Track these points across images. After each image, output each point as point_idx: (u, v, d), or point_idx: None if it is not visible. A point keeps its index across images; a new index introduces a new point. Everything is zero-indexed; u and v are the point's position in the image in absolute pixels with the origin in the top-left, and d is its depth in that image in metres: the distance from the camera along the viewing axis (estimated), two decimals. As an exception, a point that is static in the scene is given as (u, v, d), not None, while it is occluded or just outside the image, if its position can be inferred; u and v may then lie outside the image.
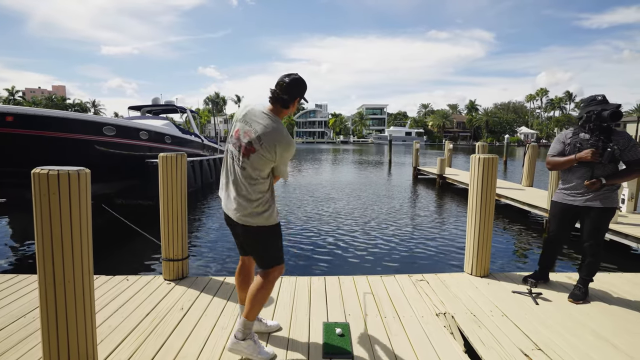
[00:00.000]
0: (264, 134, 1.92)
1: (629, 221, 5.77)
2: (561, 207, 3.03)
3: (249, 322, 2.09)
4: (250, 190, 1.97)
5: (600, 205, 2.81)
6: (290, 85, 1.97)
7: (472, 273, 3.47)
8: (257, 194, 1.98)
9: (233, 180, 2.02)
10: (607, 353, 2.24)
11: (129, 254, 5.60)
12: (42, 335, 1.78)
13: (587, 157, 2.74)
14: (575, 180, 2.91)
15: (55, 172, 1.63)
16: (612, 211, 2.85)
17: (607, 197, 2.82)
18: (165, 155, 3.10)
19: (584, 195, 2.86)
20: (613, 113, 2.67)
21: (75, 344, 1.81)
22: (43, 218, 1.66)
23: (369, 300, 2.95)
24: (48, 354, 1.78)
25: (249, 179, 1.96)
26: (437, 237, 6.56)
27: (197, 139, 13.03)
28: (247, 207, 1.98)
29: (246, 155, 1.95)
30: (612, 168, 2.79)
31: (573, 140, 2.90)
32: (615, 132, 2.78)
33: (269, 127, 1.93)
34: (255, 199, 1.98)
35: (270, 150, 1.92)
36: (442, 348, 2.29)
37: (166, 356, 2.16)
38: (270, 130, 1.92)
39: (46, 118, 6.20)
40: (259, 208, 1.99)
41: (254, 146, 1.93)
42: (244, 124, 1.97)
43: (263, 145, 1.91)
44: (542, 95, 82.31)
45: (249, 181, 1.97)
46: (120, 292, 3.03)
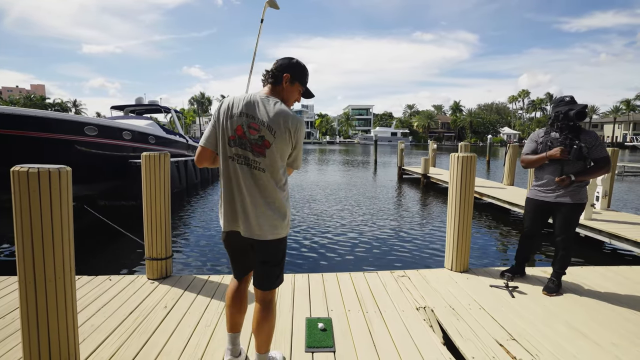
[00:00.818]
0: (273, 120, 1.66)
1: (602, 217, 6.00)
2: (534, 204, 3.16)
3: (265, 354, 1.89)
4: (278, 195, 1.72)
5: (570, 201, 2.94)
6: (282, 63, 1.77)
7: (452, 268, 3.57)
8: (284, 196, 1.76)
9: (250, 190, 1.69)
10: (577, 341, 2.36)
11: (112, 255, 5.52)
12: (22, 335, 1.77)
13: (557, 155, 2.88)
14: (547, 177, 3.03)
15: (35, 170, 1.63)
16: (582, 206, 2.99)
17: (577, 193, 2.95)
18: (148, 155, 3.09)
19: (555, 192, 3.00)
20: (578, 112, 2.81)
21: (56, 343, 1.80)
22: (23, 216, 1.65)
23: (351, 296, 3.01)
24: (28, 354, 1.77)
25: (273, 180, 1.70)
26: (420, 235, 6.68)
27: (182, 139, 12.90)
28: (277, 218, 1.71)
29: (261, 154, 1.67)
30: (580, 165, 2.93)
31: (544, 139, 3.03)
32: (584, 131, 2.92)
33: (274, 110, 1.67)
34: (283, 203, 1.75)
35: (286, 136, 1.68)
36: (422, 341, 2.36)
37: (150, 353, 2.17)
38: (277, 112, 1.67)
39: (25, 117, 6.06)
40: (287, 213, 1.77)
41: (267, 139, 1.66)
42: (245, 118, 1.68)
43: (276, 134, 1.66)
44: (524, 96, 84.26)
45: (274, 183, 1.70)
46: (103, 291, 3.01)
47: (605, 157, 2.88)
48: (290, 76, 1.75)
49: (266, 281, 1.81)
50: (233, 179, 1.71)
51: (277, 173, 1.71)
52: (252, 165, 1.68)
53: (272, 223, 1.71)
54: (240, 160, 1.69)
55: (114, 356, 2.14)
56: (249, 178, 1.69)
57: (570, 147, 2.86)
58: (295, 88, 1.80)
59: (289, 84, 1.76)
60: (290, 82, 1.77)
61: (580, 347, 2.29)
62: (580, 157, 2.84)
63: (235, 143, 1.69)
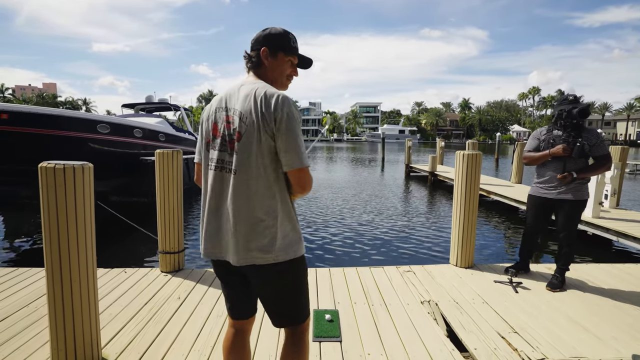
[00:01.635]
0: (243, 104, 1.29)
1: (611, 216, 5.98)
2: (536, 200, 3.21)
3: None
4: (254, 204, 1.28)
5: (572, 197, 2.99)
6: (256, 38, 1.41)
7: (457, 264, 3.64)
8: (266, 207, 1.29)
9: (227, 198, 1.31)
10: (577, 334, 2.41)
11: (125, 249, 5.68)
12: (49, 321, 1.89)
13: (559, 152, 2.93)
14: (549, 174, 3.08)
15: (61, 166, 1.75)
16: (584, 203, 3.04)
17: (578, 190, 3.00)
18: (162, 152, 3.21)
19: (557, 189, 3.05)
20: (581, 110, 2.86)
21: (80, 328, 1.92)
22: (50, 209, 1.77)
23: (357, 289, 3.09)
24: (55, 338, 1.89)
25: (252, 183, 1.28)
26: (427, 232, 6.73)
27: (191, 136, 13.07)
28: (260, 233, 1.29)
29: (233, 150, 1.30)
30: (582, 163, 2.97)
31: (547, 137, 3.08)
32: (586, 130, 2.97)
33: (246, 92, 1.30)
34: (268, 213, 1.29)
35: (259, 121, 1.25)
36: (426, 332, 2.44)
37: (165, 341, 2.29)
38: (247, 93, 1.29)
39: (41, 116, 6.24)
40: (279, 229, 1.31)
41: (239, 130, 1.28)
42: (220, 113, 1.35)
43: (247, 120, 1.26)
44: (534, 93, 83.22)
45: (251, 188, 1.28)
46: (119, 283, 3.14)
47: (607, 155, 2.93)
48: (269, 49, 1.38)
49: (283, 318, 1.43)
50: (209, 192, 1.36)
51: (255, 173, 1.27)
52: (225, 168, 1.32)
53: (256, 244, 1.29)
54: (216, 165, 1.34)
55: (131, 343, 2.26)
56: (223, 185, 1.32)
57: (573, 144, 2.90)
58: (282, 61, 1.41)
59: (271, 58, 1.39)
60: (272, 56, 1.39)
61: (580, 340, 2.35)
62: (582, 154, 2.89)
63: (210, 146, 1.37)
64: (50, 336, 1.90)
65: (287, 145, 1.25)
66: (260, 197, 1.29)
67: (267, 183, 1.29)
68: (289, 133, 1.25)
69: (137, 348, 2.21)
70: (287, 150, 1.25)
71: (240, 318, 1.51)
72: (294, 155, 1.25)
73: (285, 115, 1.24)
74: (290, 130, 1.25)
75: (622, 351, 2.23)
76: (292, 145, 1.25)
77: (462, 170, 3.50)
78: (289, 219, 1.34)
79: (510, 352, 2.22)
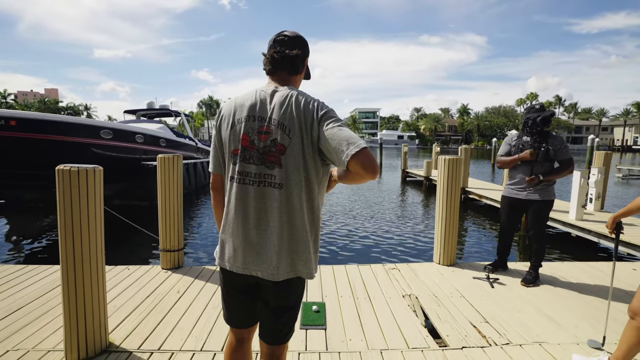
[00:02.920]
0: (284, 114, 1.23)
1: (594, 218, 6.22)
2: (508, 201, 3.46)
3: None
4: (306, 218, 1.27)
5: (539, 198, 3.24)
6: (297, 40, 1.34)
7: (439, 262, 3.87)
8: (313, 220, 1.31)
9: (262, 215, 1.27)
10: (542, 323, 2.65)
11: (126, 249, 5.91)
12: (63, 308, 2.11)
13: (527, 157, 3.20)
14: (519, 176, 3.35)
15: (75, 169, 1.99)
16: (550, 203, 3.29)
17: (545, 191, 3.27)
18: (163, 157, 3.46)
19: (526, 190, 3.31)
20: (543, 118, 3.15)
21: (90, 316, 2.14)
22: (65, 208, 2.01)
23: (344, 285, 3.32)
24: (68, 324, 2.11)
25: (295, 198, 1.25)
26: (417, 233, 6.97)
27: (191, 142, 13.34)
28: (303, 250, 1.28)
29: (276, 163, 1.24)
30: (548, 166, 3.24)
31: (517, 142, 3.35)
32: (552, 136, 3.25)
33: (287, 101, 1.24)
34: (312, 229, 1.31)
35: (308, 134, 1.21)
36: (404, 322, 2.67)
37: (166, 328, 2.51)
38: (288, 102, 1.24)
39: (47, 122, 6.51)
40: (316, 244, 1.34)
41: (281, 142, 1.23)
42: (252, 122, 1.27)
43: (292, 133, 1.22)
44: (532, 99, 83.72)
45: (297, 202, 1.25)
46: (122, 279, 3.37)
47: (569, 159, 3.20)
48: (307, 56, 1.39)
49: (278, 334, 1.39)
50: (239, 206, 1.29)
51: (300, 187, 1.25)
52: (264, 182, 1.26)
53: (298, 259, 1.28)
54: (247, 179, 1.27)
55: (135, 329, 2.49)
56: (259, 199, 1.26)
57: (538, 149, 3.17)
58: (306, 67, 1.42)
59: (305, 69, 1.40)
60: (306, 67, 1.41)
61: (544, 327, 2.58)
62: (547, 158, 3.16)
63: (240, 158, 1.28)
64: (64, 322, 2.12)
65: (340, 135, 1.16)
66: (306, 211, 1.27)
67: (310, 196, 1.27)
68: (334, 126, 1.18)
69: (140, 334, 2.44)
70: (341, 139, 1.15)
71: (243, 327, 1.46)
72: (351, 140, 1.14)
73: (330, 117, 1.21)
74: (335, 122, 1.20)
75: (580, 336, 2.46)
76: (344, 134, 1.16)
77: (444, 174, 3.75)
78: (318, 234, 1.36)
79: (479, 339, 2.45)
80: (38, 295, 3.01)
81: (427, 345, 2.37)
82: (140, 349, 2.27)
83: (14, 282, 3.26)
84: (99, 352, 2.21)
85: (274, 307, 1.36)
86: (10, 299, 2.91)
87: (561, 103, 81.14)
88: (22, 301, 2.88)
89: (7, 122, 5.81)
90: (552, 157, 3.18)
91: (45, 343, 2.30)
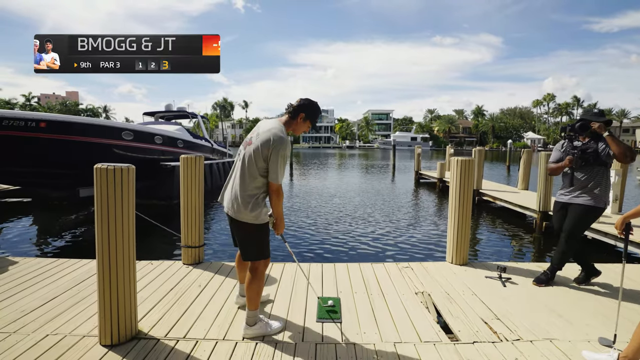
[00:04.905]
0: (262, 131, 2.26)
1: (611, 221, 6.15)
2: (557, 205, 3.44)
3: (252, 311, 2.41)
4: (246, 186, 2.24)
5: (581, 202, 3.21)
6: (302, 102, 2.36)
7: (452, 262, 3.93)
8: (250, 190, 2.24)
9: (235, 175, 2.33)
10: (553, 321, 2.70)
11: (146, 246, 6.14)
12: (98, 297, 2.28)
13: (567, 164, 3.22)
14: (565, 180, 3.35)
15: (112, 167, 2.16)
16: (592, 210, 3.19)
17: (589, 196, 3.19)
18: (186, 157, 3.63)
19: (571, 194, 3.29)
20: (581, 125, 3.12)
21: (122, 304, 2.30)
22: (102, 204, 2.17)
23: (358, 281, 3.43)
24: (103, 311, 2.28)
25: (246, 173, 2.24)
26: (430, 233, 7.01)
27: (207, 143, 13.63)
28: (240, 203, 2.24)
29: (245, 148, 2.29)
30: (592, 171, 3.16)
31: (566, 147, 3.34)
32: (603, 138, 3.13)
33: (268, 126, 2.27)
34: (248, 195, 2.24)
35: (264, 145, 2.18)
36: (417, 317, 2.76)
37: (189, 318, 2.67)
38: (268, 128, 2.25)
39: (74, 124, 6.81)
40: (249, 206, 2.24)
41: (252, 140, 2.26)
42: (255, 130, 2.34)
43: (259, 137, 2.22)
44: (549, 100, 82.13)
45: (246, 176, 2.24)
46: (146, 273, 3.55)
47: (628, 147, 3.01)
48: (305, 115, 2.35)
49: (244, 254, 2.43)
50: (233, 169, 2.42)
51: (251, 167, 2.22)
52: (240, 158, 2.33)
53: (237, 207, 2.26)
54: (239, 154, 2.38)
55: (161, 320, 2.65)
56: (238, 167, 2.33)
57: (574, 155, 3.17)
58: (307, 124, 2.39)
59: (301, 120, 2.36)
60: (303, 120, 2.36)
61: (555, 325, 2.63)
62: (580, 164, 3.14)
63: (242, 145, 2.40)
64: (99, 310, 2.29)
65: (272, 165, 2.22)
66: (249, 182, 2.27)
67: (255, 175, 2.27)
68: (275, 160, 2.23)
69: (166, 323, 2.59)
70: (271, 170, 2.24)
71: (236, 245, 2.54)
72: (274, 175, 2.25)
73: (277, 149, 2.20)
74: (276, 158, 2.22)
75: (591, 334, 2.51)
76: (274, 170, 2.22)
77: (456, 175, 3.82)
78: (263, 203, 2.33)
79: (490, 334, 2.52)
80: (70, 286, 3.20)
81: (439, 339, 2.45)
82: (167, 337, 2.42)
83: (47, 274, 3.47)
84: (129, 339, 2.37)
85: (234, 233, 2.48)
86: (45, 289, 3.11)
87: (579, 104, 79.27)
88: (56, 291, 3.08)
89: (37, 124, 6.13)
90: (591, 161, 3.13)
91: (80, 329, 2.48)
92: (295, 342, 2.39)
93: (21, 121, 6.14)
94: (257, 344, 2.36)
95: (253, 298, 2.40)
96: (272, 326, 2.49)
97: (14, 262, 3.74)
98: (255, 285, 2.38)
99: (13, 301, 2.88)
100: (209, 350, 2.28)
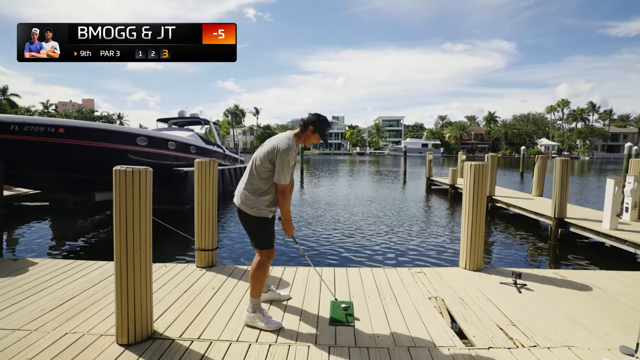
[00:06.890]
0: (273, 138, 2.58)
1: (630, 228, 6.01)
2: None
3: (254, 298, 2.59)
4: (251, 181, 2.54)
5: None
6: (311, 117, 2.60)
7: (466, 267, 3.88)
8: (254, 185, 2.54)
9: (245, 172, 2.64)
10: (572, 328, 2.64)
11: (160, 248, 6.22)
12: (115, 297, 2.33)
13: None
14: None
15: (130, 169, 2.21)
16: None
17: None
18: (200, 161, 3.69)
19: None
20: None
21: (139, 305, 2.34)
22: (120, 205, 2.23)
23: (371, 286, 3.41)
24: (120, 311, 2.32)
25: (253, 170, 2.53)
26: (442, 239, 6.93)
27: (219, 149, 13.80)
28: (244, 194, 2.55)
29: (257, 151, 2.59)
30: None
31: None
32: None
33: (279, 136, 2.57)
34: (251, 188, 2.54)
35: (271, 149, 2.48)
36: (430, 322, 2.73)
37: (203, 320, 2.69)
38: (278, 136, 2.56)
39: (90, 130, 6.98)
40: (251, 197, 2.54)
41: (264, 144, 2.57)
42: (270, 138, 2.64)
43: (269, 143, 2.53)
44: (563, 106, 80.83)
45: (253, 172, 2.54)
46: (161, 275, 3.59)
47: None
48: (314, 128, 2.59)
49: (251, 241, 2.72)
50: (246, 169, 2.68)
51: (259, 168, 2.51)
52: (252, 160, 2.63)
53: (242, 199, 2.57)
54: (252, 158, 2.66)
55: (176, 320, 2.68)
56: (249, 168, 2.61)
57: None
58: (316, 136, 2.63)
59: (310, 132, 2.60)
60: (312, 132, 2.61)
61: (574, 333, 2.57)
62: None
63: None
64: (116, 309, 2.33)
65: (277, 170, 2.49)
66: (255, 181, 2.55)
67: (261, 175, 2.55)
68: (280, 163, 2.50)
69: (180, 324, 2.62)
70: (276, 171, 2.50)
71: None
72: (279, 178, 2.51)
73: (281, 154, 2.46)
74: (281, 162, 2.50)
75: (611, 343, 2.45)
76: (280, 171, 2.47)
77: (470, 180, 3.79)
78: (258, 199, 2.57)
79: (506, 340, 2.48)
80: (86, 287, 3.26)
81: (454, 344, 2.42)
82: (182, 337, 2.45)
83: (64, 275, 3.55)
84: (145, 339, 2.40)
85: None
86: (63, 290, 3.18)
87: (595, 110, 77.76)
88: (74, 292, 3.14)
89: (56, 130, 6.31)
90: None
91: (97, 328, 2.52)
92: (308, 345, 2.39)
93: (41, 127, 6.34)
94: (271, 345, 2.37)
95: (252, 285, 2.60)
96: (270, 322, 2.58)
97: (34, 263, 3.83)
98: (258, 271, 2.58)
99: (33, 300, 2.95)
100: (223, 351, 2.30)
